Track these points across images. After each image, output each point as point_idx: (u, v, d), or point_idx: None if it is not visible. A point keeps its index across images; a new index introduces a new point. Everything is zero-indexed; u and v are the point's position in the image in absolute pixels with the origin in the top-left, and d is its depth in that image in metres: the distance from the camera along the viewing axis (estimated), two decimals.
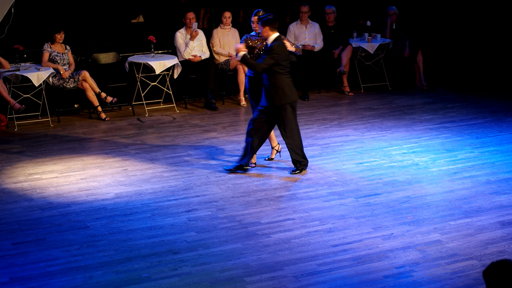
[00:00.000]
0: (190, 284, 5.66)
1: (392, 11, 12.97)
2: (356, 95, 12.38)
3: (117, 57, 11.67)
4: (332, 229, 6.69)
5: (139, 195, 7.64)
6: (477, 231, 6.61)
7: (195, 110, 11.48)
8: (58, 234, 6.63)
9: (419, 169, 8.41)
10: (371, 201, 7.39)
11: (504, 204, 7.29)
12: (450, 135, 9.79)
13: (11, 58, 10.70)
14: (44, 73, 10.43)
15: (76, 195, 7.66)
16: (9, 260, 6.09)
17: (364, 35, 12.69)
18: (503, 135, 9.78)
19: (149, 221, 6.93)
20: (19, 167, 8.66)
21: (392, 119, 10.73)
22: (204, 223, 6.88)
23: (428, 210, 7.13)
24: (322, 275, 5.77)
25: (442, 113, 11.04)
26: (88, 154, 9.14)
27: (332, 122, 10.61)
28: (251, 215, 7.04)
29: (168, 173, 8.33)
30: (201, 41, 11.70)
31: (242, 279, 5.72)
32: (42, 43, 10.83)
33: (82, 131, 10.25)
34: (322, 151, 9.13)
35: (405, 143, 9.43)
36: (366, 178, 8.10)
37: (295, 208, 7.23)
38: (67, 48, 10.94)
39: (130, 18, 13.43)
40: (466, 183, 7.90)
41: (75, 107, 11.43)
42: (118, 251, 6.26)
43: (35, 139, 9.86)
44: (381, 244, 6.34)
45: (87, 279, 5.75)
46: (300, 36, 12.42)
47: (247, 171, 8.28)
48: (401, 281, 5.65)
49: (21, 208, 7.32)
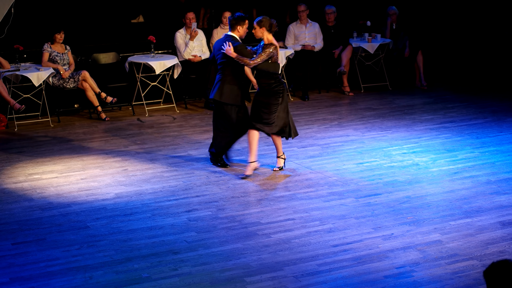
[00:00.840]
0: (190, 284, 5.66)
1: (392, 11, 12.97)
2: (356, 95, 12.38)
3: (117, 57, 11.67)
4: (333, 229, 6.69)
5: (139, 195, 7.64)
6: (477, 231, 6.60)
7: (195, 110, 11.48)
8: (58, 234, 6.63)
9: (420, 169, 8.41)
10: (371, 201, 7.39)
11: (504, 204, 7.29)
12: (450, 135, 9.79)
13: (11, 58, 10.70)
14: (44, 73, 10.43)
15: (76, 195, 7.66)
16: (9, 260, 6.09)
17: (364, 35, 12.69)
18: (503, 135, 9.77)
19: (149, 221, 6.92)
20: (19, 167, 8.66)
21: (392, 119, 10.72)
22: (204, 223, 6.88)
23: (428, 210, 7.12)
24: (323, 275, 5.76)
25: (442, 113, 11.04)
26: (88, 154, 9.14)
27: (332, 122, 10.61)
28: (251, 215, 7.04)
29: (168, 173, 8.33)
30: (201, 41, 11.70)
31: (242, 279, 5.72)
32: (42, 43, 10.82)
33: (82, 131, 10.25)
34: (322, 151, 9.12)
35: (405, 143, 9.43)
36: (367, 178, 8.10)
37: (295, 208, 7.23)
38: (67, 48, 10.93)
39: (130, 18, 13.43)
40: (466, 183, 7.90)
41: (75, 107, 11.43)
42: (118, 251, 6.25)
43: (35, 139, 9.86)
44: (381, 244, 6.34)
45: (87, 279, 5.75)
46: (300, 36, 12.41)
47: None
48: (402, 281, 5.65)
49: (21, 208, 7.32)
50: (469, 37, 13.99)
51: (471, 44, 13.94)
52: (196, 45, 11.60)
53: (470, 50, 13.91)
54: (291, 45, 12.33)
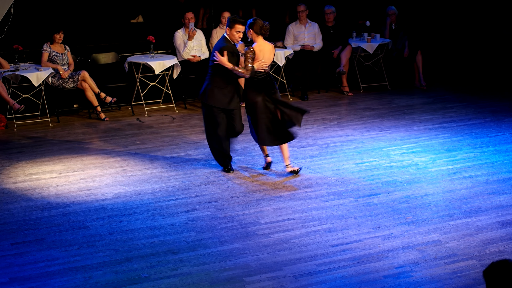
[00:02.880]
0: (189, 284, 5.66)
1: (392, 11, 12.97)
2: (356, 95, 12.38)
3: (116, 57, 11.67)
4: (332, 229, 6.69)
5: (138, 195, 7.64)
6: (476, 231, 6.61)
7: (195, 110, 11.48)
8: (57, 234, 6.63)
9: (419, 169, 8.41)
10: (370, 201, 7.39)
11: (503, 204, 7.29)
12: (450, 135, 9.80)
13: (10, 58, 10.70)
14: (44, 73, 10.43)
15: (76, 195, 7.66)
16: (8, 260, 6.09)
17: (363, 35, 12.70)
18: (503, 135, 9.78)
19: (148, 221, 6.93)
20: (19, 167, 8.66)
21: (392, 119, 10.73)
22: (204, 223, 6.88)
23: (427, 210, 7.13)
24: (322, 275, 5.77)
25: (441, 113, 11.04)
26: (87, 154, 9.14)
27: (331, 122, 10.61)
28: (251, 215, 7.04)
29: (167, 173, 8.33)
30: (200, 41, 11.71)
31: (242, 279, 5.72)
32: (41, 43, 10.83)
33: (81, 131, 10.25)
34: (322, 151, 9.13)
35: (404, 143, 9.43)
36: (366, 178, 8.11)
37: (294, 208, 7.23)
38: (66, 48, 10.94)
39: (130, 18, 13.43)
40: (465, 183, 7.90)
41: (75, 107, 11.43)
42: (118, 251, 6.26)
43: (35, 139, 9.86)
44: (380, 244, 6.34)
45: (86, 279, 5.75)
46: (299, 36, 12.42)
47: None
48: (401, 281, 5.65)
49: (20, 208, 7.32)
50: (468, 37, 14.00)
51: (470, 44, 13.95)
52: (195, 45, 11.61)
53: (469, 50, 13.92)
54: (290, 45, 12.34)
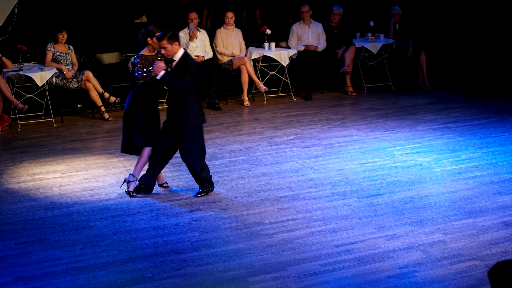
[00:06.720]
0: (193, 284, 5.66)
1: (396, 11, 12.96)
2: (359, 95, 12.37)
3: (120, 57, 11.67)
4: (335, 229, 6.68)
5: (142, 195, 7.64)
6: (480, 232, 6.60)
7: None
8: (61, 234, 6.63)
9: (423, 169, 8.40)
10: (374, 201, 7.38)
11: (507, 204, 7.28)
12: (454, 136, 9.78)
13: (14, 58, 10.71)
14: (48, 73, 10.44)
15: (79, 195, 7.67)
16: (12, 260, 6.09)
17: (367, 35, 12.69)
18: (507, 135, 9.76)
19: (152, 221, 6.93)
20: (23, 167, 8.67)
21: (395, 119, 10.72)
22: (207, 223, 6.88)
23: (431, 211, 7.12)
24: (325, 275, 5.76)
25: (445, 113, 11.03)
26: (91, 154, 9.15)
27: (335, 122, 10.60)
28: (254, 215, 7.04)
29: (171, 173, 8.33)
30: (204, 41, 11.70)
31: (245, 279, 5.72)
32: (45, 43, 10.83)
33: (85, 131, 10.26)
34: (325, 151, 9.12)
35: (408, 144, 9.42)
36: (369, 178, 8.10)
37: (298, 208, 7.23)
38: (70, 48, 10.94)
39: (133, 18, 13.43)
40: (469, 184, 7.89)
41: (78, 107, 11.44)
42: (121, 251, 6.26)
43: (38, 139, 9.87)
44: (384, 244, 6.33)
45: (90, 279, 5.75)
46: (303, 36, 12.41)
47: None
48: (405, 282, 5.65)
49: (24, 208, 7.33)
50: (472, 37, 13.97)
51: (474, 45, 13.92)
52: (199, 45, 11.60)
53: (474, 51, 13.90)
54: (294, 45, 12.33)
